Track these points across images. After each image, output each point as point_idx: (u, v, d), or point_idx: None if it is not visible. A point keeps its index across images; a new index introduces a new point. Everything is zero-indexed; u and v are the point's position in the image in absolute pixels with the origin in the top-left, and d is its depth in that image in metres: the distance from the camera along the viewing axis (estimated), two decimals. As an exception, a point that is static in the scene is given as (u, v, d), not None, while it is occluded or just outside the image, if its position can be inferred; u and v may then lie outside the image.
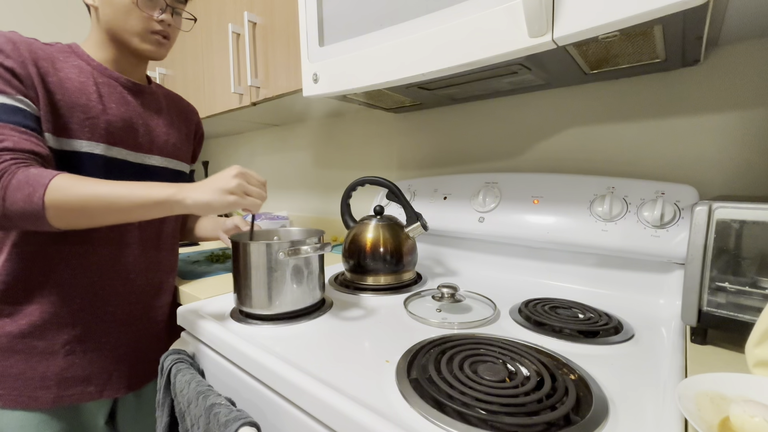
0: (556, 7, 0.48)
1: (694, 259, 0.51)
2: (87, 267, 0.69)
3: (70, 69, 0.68)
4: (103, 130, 0.69)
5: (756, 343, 0.41)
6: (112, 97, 0.71)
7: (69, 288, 0.68)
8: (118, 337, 0.74)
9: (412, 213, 0.83)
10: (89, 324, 0.70)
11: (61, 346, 0.68)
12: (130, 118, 0.73)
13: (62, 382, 0.68)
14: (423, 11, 0.61)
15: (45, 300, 0.66)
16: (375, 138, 1.29)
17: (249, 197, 0.58)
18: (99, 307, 0.71)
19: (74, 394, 0.69)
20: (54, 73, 0.65)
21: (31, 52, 0.63)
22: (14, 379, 0.65)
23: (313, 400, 0.43)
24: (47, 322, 0.67)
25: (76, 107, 0.66)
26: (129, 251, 0.74)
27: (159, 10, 0.71)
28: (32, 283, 0.66)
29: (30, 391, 0.65)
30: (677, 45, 0.59)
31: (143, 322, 0.78)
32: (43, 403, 0.66)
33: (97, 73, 0.71)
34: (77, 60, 0.70)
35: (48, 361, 0.67)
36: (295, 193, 1.64)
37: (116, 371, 0.74)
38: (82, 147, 0.67)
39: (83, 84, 0.68)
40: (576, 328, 0.58)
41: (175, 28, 0.76)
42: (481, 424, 0.37)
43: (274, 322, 0.64)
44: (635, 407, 0.40)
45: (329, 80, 0.76)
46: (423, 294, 0.75)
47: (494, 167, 1.01)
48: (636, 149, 0.80)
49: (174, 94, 0.89)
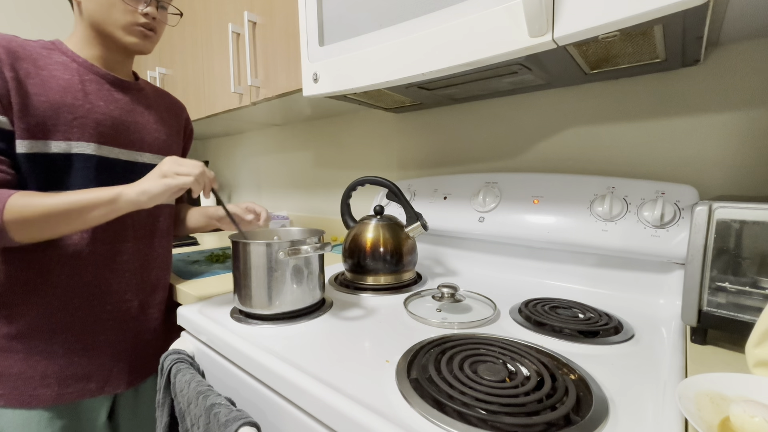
0: (556, 6, 0.48)
1: (694, 259, 0.51)
2: (83, 267, 0.69)
3: (54, 66, 0.66)
4: (92, 129, 0.68)
5: (756, 343, 0.41)
6: (100, 95, 0.70)
7: (65, 288, 0.68)
8: (116, 334, 0.74)
9: (412, 213, 0.83)
10: (87, 322, 0.70)
11: (60, 345, 0.68)
12: (119, 116, 0.72)
13: (63, 380, 0.68)
14: (423, 11, 0.61)
15: (42, 301, 0.66)
16: (375, 138, 1.29)
17: (180, 175, 0.59)
18: (96, 306, 0.71)
19: (75, 391, 0.69)
20: (36, 73, 0.63)
21: (9, 53, 0.61)
22: (15, 379, 0.65)
23: (313, 400, 0.43)
24: (45, 323, 0.67)
25: (62, 107, 0.65)
26: (124, 249, 0.74)
27: (144, 3, 0.70)
28: (29, 285, 0.66)
29: (31, 389, 0.65)
30: (677, 45, 0.59)
31: (140, 319, 0.78)
32: (44, 401, 0.66)
33: (83, 69, 0.69)
34: (62, 57, 0.68)
35: (48, 360, 0.67)
36: (295, 193, 1.64)
37: (116, 367, 0.74)
38: (71, 148, 0.66)
39: (68, 82, 0.66)
40: (576, 328, 0.58)
41: (161, 22, 0.75)
42: (481, 424, 0.37)
43: (274, 322, 0.64)
44: (635, 407, 0.40)
45: (329, 80, 0.76)
46: (423, 294, 0.75)
47: (494, 167, 1.01)
48: (636, 149, 0.80)
49: (161, 90, 0.89)
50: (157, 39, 0.76)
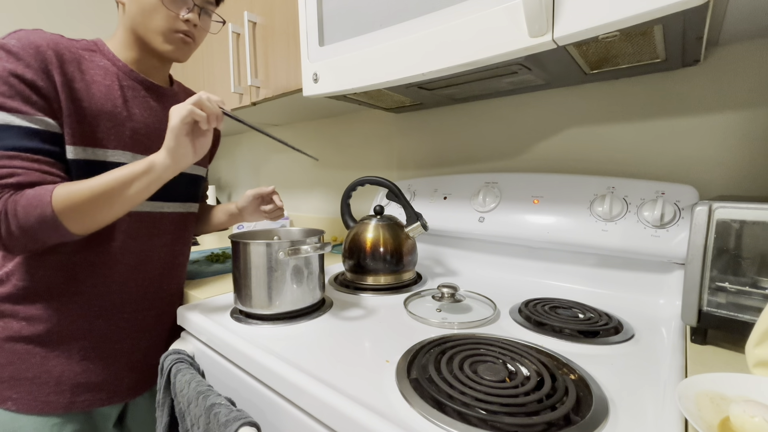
0: (556, 7, 0.48)
1: (694, 259, 0.51)
2: (109, 276, 0.69)
3: (96, 71, 0.66)
4: (129, 138, 0.67)
5: (756, 343, 0.41)
6: (136, 102, 0.70)
7: (89, 297, 0.67)
8: (132, 343, 0.74)
9: (412, 213, 0.83)
10: (105, 331, 0.70)
11: (76, 352, 0.67)
12: (153, 123, 0.72)
13: (76, 387, 0.67)
14: (423, 11, 0.61)
15: (64, 307, 0.66)
16: (375, 138, 1.29)
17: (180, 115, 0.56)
18: (115, 314, 0.70)
19: (86, 400, 0.68)
20: (81, 78, 0.63)
21: (57, 55, 0.60)
22: (29, 384, 0.64)
23: (313, 400, 0.43)
24: (64, 329, 0.66)
25: (102, 114, 0.64)
26: (149, 258, 0.74)
27: (186, 9, 0.68)
28: (54, 290, 0.65)
29: (44, 396, 0.65)
30: (677, 45, 0.59)
31: (156, 329, 0.78)
32: (56, 408, 0.65)
33: (123, 74, 0.69)
34: (103, 60, 0.68)
35: (63, 366, 0.66)
36: (295, 193, 1.64)
37: (127, 377, 0.73)
38: (107, 156, 0.65)
39: (109, 88, 0.66)
40: (576, 328, 0.58)
41: (202, 29, 0.73)
42: (481, 424, 0.37)
43: (274, 322, 0.64)
44: (635, 407, 0.40)
45: (329, 80, 0.76)
46: (423, 294, 0.75)
47: (494, 167, 1.01)
48: (636, 149, 0.80)
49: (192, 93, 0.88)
50: (196, 47, 0.74)
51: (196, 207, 0.85)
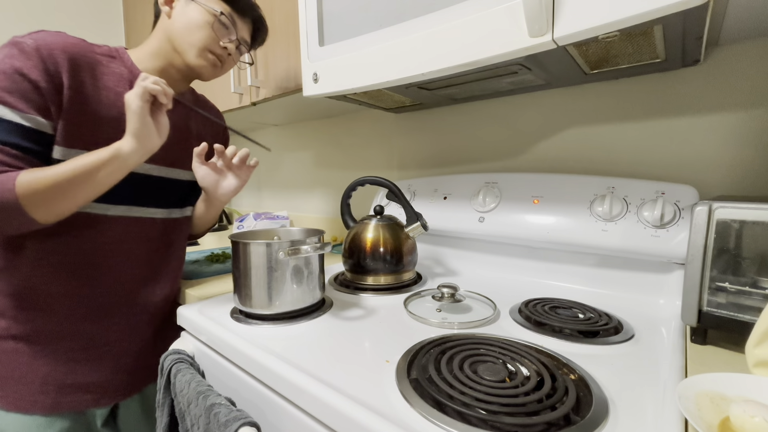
0: (556, 7, 0.48)
1: (694, 259, 0.51)
2: (96, 279, 0.69)
3: (109, 77, 0.66)
4: None
5: (756, 343, 0.41)
6: None
7: (76, 299, 0.67)
8: (121, 346, 0.74)
9: (412, 213, 0.83)
10: (92, 333, 0.70)
11: (63, 353, 0.67)
12: None
13: (62, 388, 0.67)
14: (423, 11, 0.61)
15: (51, 309, 0.66)
16: (375, 138, 1.29)
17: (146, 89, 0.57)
18: (103, 317, 0.70)
19: (72, 401, 0.68)
20: (92, 83, 0.63)
21: (70, 59, 0.61)
22: (15, 382, 0.65)
23: (313, 400, 0.43)
24: (51, 330, 0.66)
25: (105, 120, 0.65)
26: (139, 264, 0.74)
27: (228, 38, 0.72)
28: (42, 291, 0.65)
29: (30, 395, 0.65)
30: (677, 45, 0.59)
31: (146, 332, 0.78)
32: (42, 408, 0.66)
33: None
34: (120, 67, 0.68)
35: (49, 366, 0.66)
36: (295, 193, 1.64)
37: (117, 379, 0.74)
38: None
39: (119, 95, 0.66)
40: (576, 328, 0.58)
41: (232, 60, 0.77)
42: (481, 424, 0.37)
43: (274, 322, 0.64)
44: (635, 407, 0.40)
45: (329, 80, 0.76)
46: (423, 294, 0.75)
47: (494, 167, 1.01)
48: (636, 149, 0.80)
49: (203, 100, 0.89)
50: (222, 73, 0.78)
51: (189, 211, 0.85)
